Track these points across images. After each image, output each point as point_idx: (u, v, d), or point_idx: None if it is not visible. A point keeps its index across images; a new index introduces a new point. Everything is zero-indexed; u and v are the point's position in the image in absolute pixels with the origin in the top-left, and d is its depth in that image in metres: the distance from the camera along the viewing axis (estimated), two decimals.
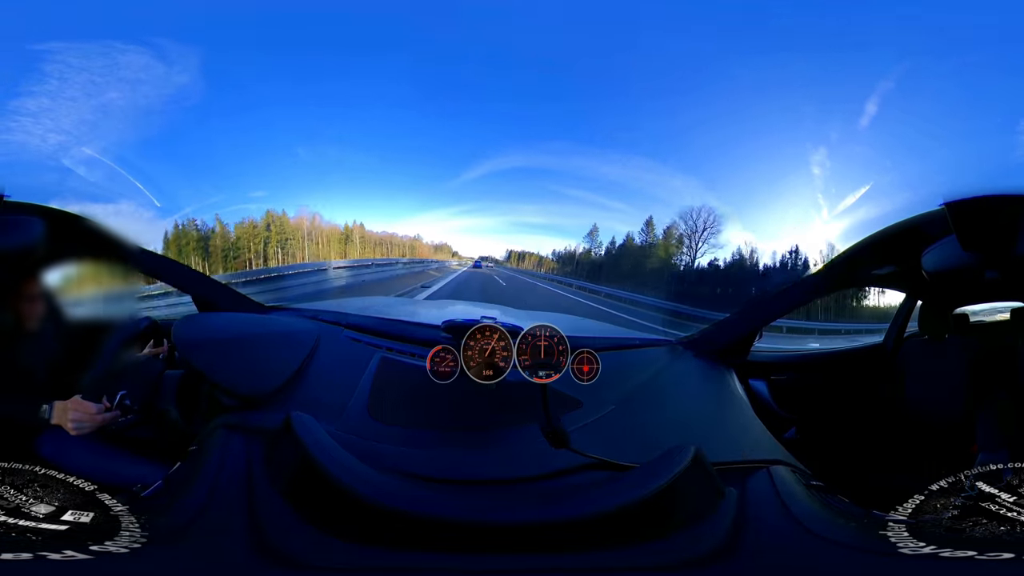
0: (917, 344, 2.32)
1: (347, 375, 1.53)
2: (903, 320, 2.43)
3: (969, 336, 2.27)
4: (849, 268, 1.90)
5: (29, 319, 1.54)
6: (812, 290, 2.04)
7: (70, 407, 1.36)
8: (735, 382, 1.72)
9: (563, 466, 1.15)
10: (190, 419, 1.53)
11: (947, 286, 2.13)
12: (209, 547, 0.90)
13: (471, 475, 1.18)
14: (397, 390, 1.47)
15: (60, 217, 1.63)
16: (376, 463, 1.08)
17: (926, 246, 1.67)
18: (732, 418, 1.51)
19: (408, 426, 1.35)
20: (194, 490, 1.03)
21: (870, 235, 1.77)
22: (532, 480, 1.14)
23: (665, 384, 1.62)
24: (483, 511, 0.97)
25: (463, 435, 1.33)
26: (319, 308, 2.06)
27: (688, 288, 4.18)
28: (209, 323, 1.78)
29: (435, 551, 0.89)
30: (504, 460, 1.25)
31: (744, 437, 1.41)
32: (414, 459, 1.21)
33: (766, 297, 2.03)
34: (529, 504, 1.03)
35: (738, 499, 1.03)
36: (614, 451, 1.17)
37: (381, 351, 1.64)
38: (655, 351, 1.88)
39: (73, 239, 1.68)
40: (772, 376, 2.07)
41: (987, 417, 1.86)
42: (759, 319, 1.94)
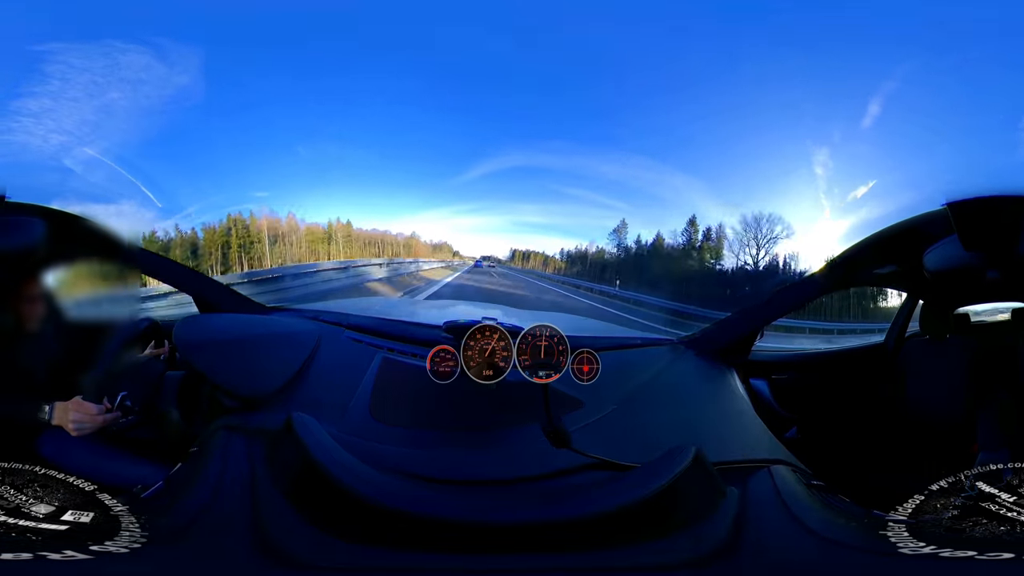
0: (918, 344, 2.32)
1: (348, 376, 1.54)
2: (904, 320, 2.43)
3: (970, 336, 2.27)
4: (850, 267, 1.90)
5: (30, 320, 1.54)
6: (813, 289, 2.03)
7: (71, 408, 1.37)
8: (736, 382, 1.73)
9: (564, 466, 1.15)
10: (191, 420, 1.54)
11: (948, 286, 2.13)
12: (210, 547, 0.91)
13: (473, 475, 1.18)
14: (399, 391, 1.47)
15: (61, 218, 1.63)
16: (378, 464, 1.08)
17: (928, 246, 1.67)
18: (733, 418, 1.52)
19: (410, 427, 1.36)
20: (195, 491, 1.03)
21: (872, 234, 1.78)
22: (533, 480, 1.15)
23: (666, 384, 1.62)
24: (484, 511, 0.97)
25: (464, 435, 1.34)
26: (320, 309, 2.07)
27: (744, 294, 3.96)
28: (210, 324, 1.79)
29: (437, 551, 0.90)
30: (505, 460, 1.26)
31: (745, 437, 1.42)
32: (416, 459, 1.21)
33: (767, 296, 2.03)
34: (530, 504, 1.04)
35: (739, 499, 1.04)
36: (615, 451, 1.18)
37: (382, 352, 1.65)
38: (656, 350, 1.88)
39: (74, 240, 1.69)
40: (773, 375, 2.08)
41: (988, 417, 1.86)
42: (760, 318, 1.94)
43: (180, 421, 1.53)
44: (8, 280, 1.51)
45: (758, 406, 1.64)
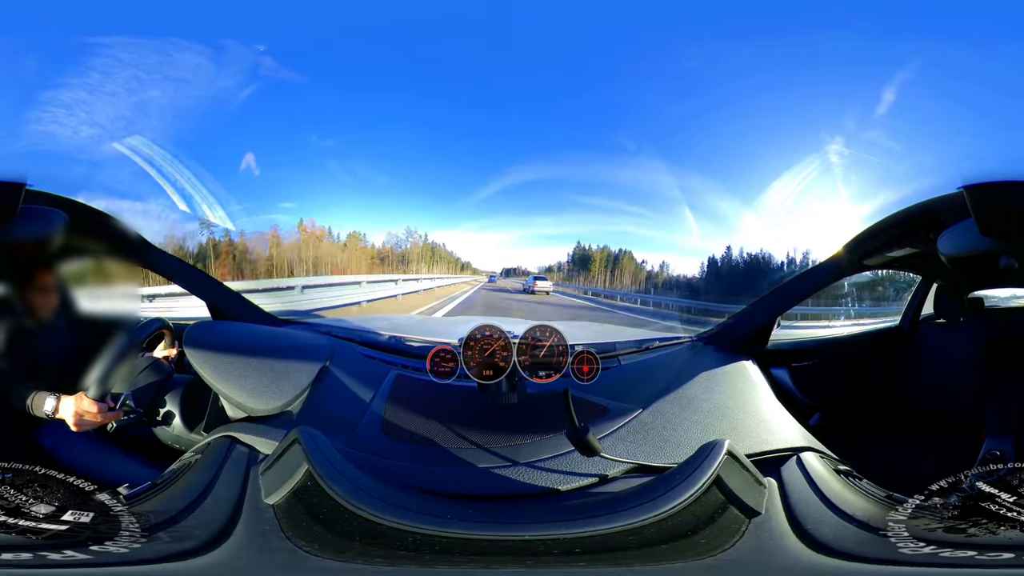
0: (932, 327, 2.36)
1: (360, 392, 1.54)
2: (918, 303, 2.47)
3: (983, 320, 2.28)
4: (864, 250, 1.92)
5: (42, 310, 1.58)
6: (827, 275, 2.05)
7: (74, 402, 1.42)
8: (757, 373, 1.77)
9: (599, 474, 1.15)
10: (192, 425, 1.57)
11: (963, 270, 2.14)
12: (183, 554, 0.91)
13: (501, 490, 1.17)
14: (414, 407, 1.47)
15: (83, 211, 1.64)
16: (390, 479, 1.08)
17: (942, 229, 1.69)
18: (758, 408, 1.55)
19: (426, 443, 1.35)
20: (179, 496, 1.05)
21: (885, 217, 1.80)
22: (571, 491, 1.14)
23: (689, 381, 1.65)
24: (520, 526, 0.96)
25: (487, 451, 1.32)
26: (333, 324, 2.07)
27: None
28: (222, 332, 1.80)
29: (461, 566, 0.90)
30: (536, 473, 1.23)
31: (772, 426, 1.45)
32: (434, 476, 1.21)
33: (781, 286, 2.06)
34: (575, 516, 1.02)
35: (779, 488, 1.08)
36: (647, 453, 1.19)
37: (396, 369, 1.66)
38: (676, 350, 1.92)
39: (94, 234, 1.70)
40: (793, 364, 2.11)
41: (997, 403, 1.88)
42: (776, 307, 1.99)
43: (181, 425, 1.57)
44: (23, 269, 1.54)
45: (780, 395, 1.67)
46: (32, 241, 1.48)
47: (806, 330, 2.56)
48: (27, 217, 1.43)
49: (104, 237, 1.75)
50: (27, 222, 1.43)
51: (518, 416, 1.38)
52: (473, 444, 1.33)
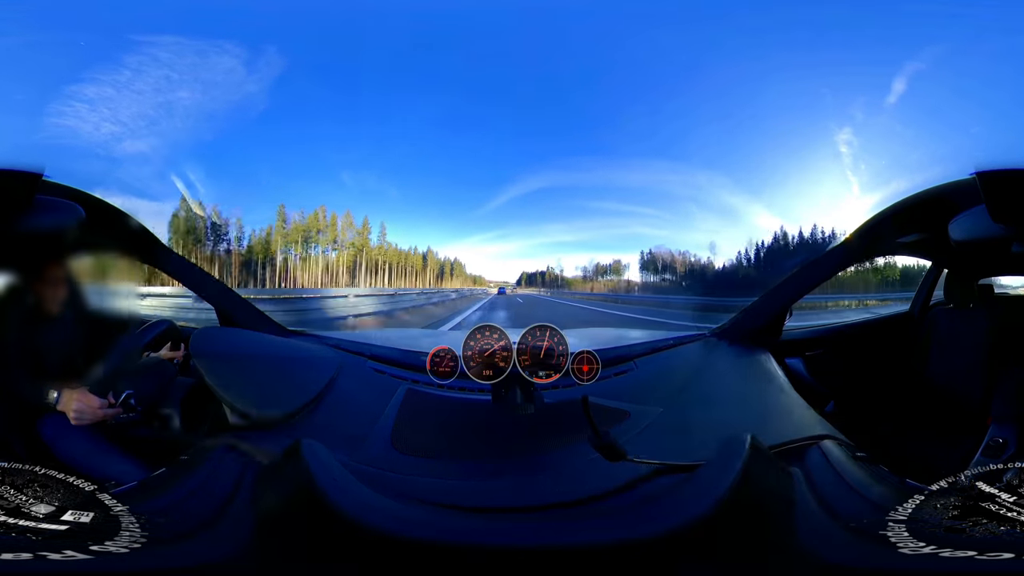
0: (942, 312, 2.39)
1: (369, 406, 1.55)
2: (929, 288, 2.51)
3: (993, 307, 2.29)
4: (875, 237, 1.95)
5: (50, 302, 1.60)
6: (838, 262, 2.07)
7: (76, 397, 1.46)
8: (772, 363, 1.80)
9: (627, 478, 1.15)
10: (191, 429, 1.61)
11: (973, 256, 2.17)
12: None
13: (526, 502, 1.16)
14: (425, 421, 1.48)
15: (98, 206, 1.66)
16: (399, 494, 1.09)
17: (953, 215, 1.69)
18: (776, 399, 1.59)
19: (439, 457, 1.34)
20: (173, 500, 1.06)
21: (896, 203, 1.83)
22: (600, 498, 1.13)
23: (706, 377, 1.68)
24: (549, 536, 0.95)
25: (506, 463, 1.32)
26: (342, 337, 2.08)
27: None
28: (228, 338, 1.83)
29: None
30: (560, 482, 1.23)
31: (791, 416, 1.48)
32: (449, 489, 1.20)
33: (791, 276, 2.08)
34: (606, 523, 1.02)
35: (804, 478, 1.11)
36: (673, 453, 1.19)
37: (407, 383, 1.67)
38: (690, 347, 1.95)
39: (108, 230, 1.72)
40: (807, 353, 2.16)
41: (1004, 390, 1.90)
42: (787, 297, 2.02)
43: (180, 428, 1.60)
44: (34, 260, 1.56)
45: (796, 384, 1.70)
46: (43, 232, 1.49)
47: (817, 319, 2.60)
48: (42, 208, 1.44)
49: (118, 234, 1.77)
50: (42, 213, 1.45)
51: (535, 426, 1.39)
52: (492, 455, 1.33)
